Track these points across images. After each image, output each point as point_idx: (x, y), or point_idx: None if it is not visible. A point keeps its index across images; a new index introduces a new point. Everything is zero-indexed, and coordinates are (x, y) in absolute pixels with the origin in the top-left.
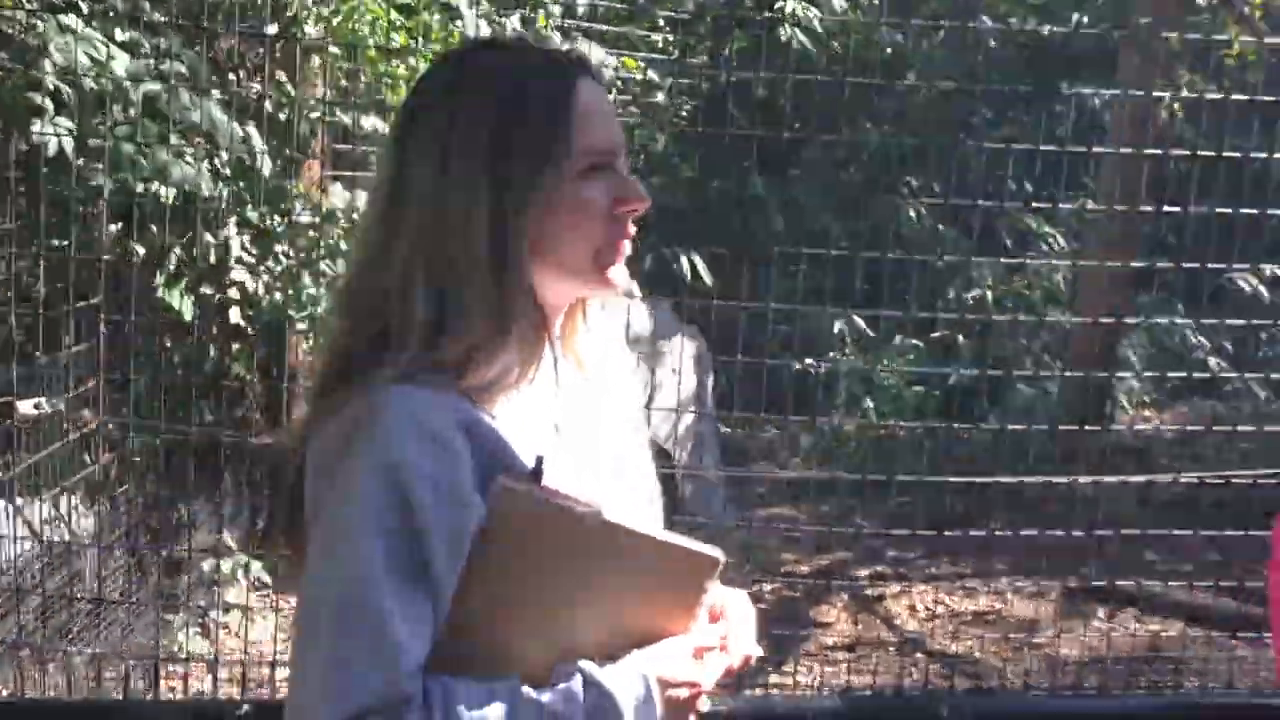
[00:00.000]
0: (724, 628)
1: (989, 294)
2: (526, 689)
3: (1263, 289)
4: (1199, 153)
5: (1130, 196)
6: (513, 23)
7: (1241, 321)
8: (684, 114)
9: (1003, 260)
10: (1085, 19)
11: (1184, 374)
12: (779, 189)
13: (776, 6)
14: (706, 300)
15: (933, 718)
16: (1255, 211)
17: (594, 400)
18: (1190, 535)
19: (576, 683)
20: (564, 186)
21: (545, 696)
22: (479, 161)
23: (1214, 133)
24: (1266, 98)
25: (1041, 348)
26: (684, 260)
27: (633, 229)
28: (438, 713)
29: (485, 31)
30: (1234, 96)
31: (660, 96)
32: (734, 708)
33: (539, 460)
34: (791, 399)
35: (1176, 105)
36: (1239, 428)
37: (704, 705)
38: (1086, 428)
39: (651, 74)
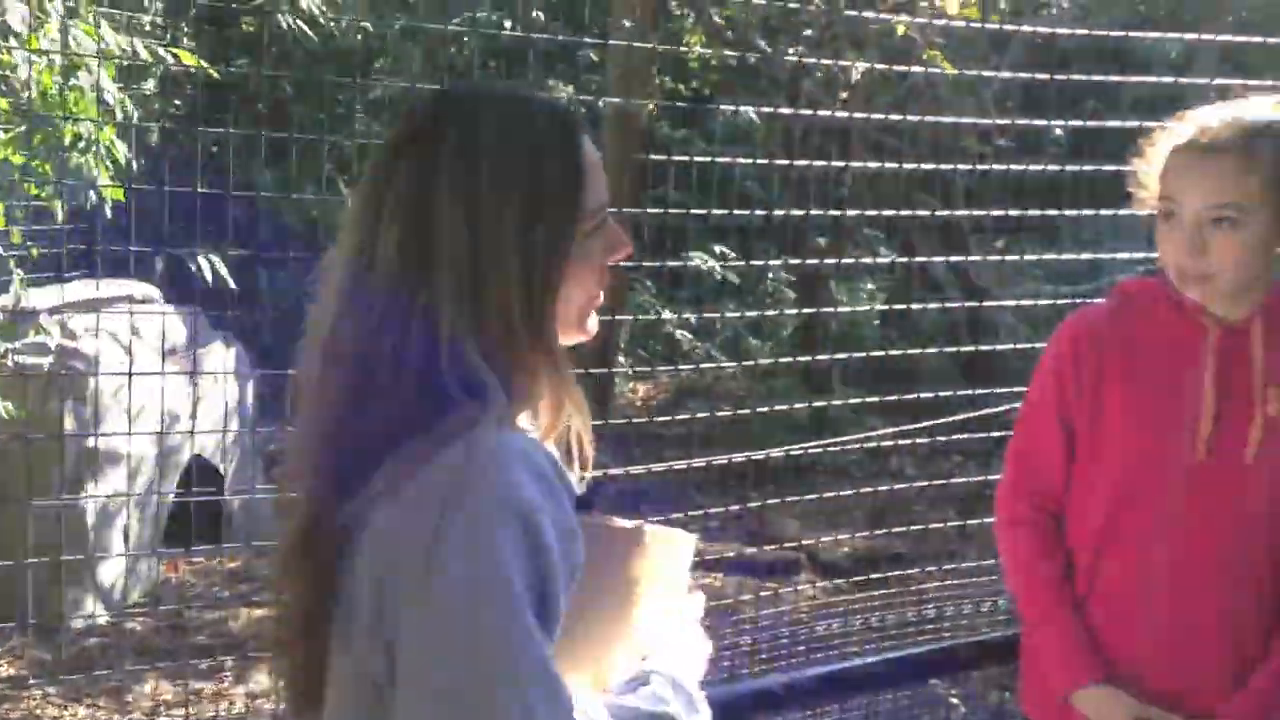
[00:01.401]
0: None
1: None
2: (621, 699)
3: (717, 268)
4: (675, 158)
5: (619, 188)
6: None
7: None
8: (178, 104)
9: None
10: (553, 19)
11: (671, 359)
12: (285, 185)
13: None
14: (242, 305)
15: None
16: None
17: None
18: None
19: (657, 682)
20: (577, 246)
21: (637, 700)
22: (514, 225)
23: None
24: (736, 105)
25: None
26: (202, 263)
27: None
28: None
29: None
30: (724, 106)
31: (151, 84)
32: None
33: (590, 487)
34: None
35: (652, 107)
36: (735, 411)
37: None
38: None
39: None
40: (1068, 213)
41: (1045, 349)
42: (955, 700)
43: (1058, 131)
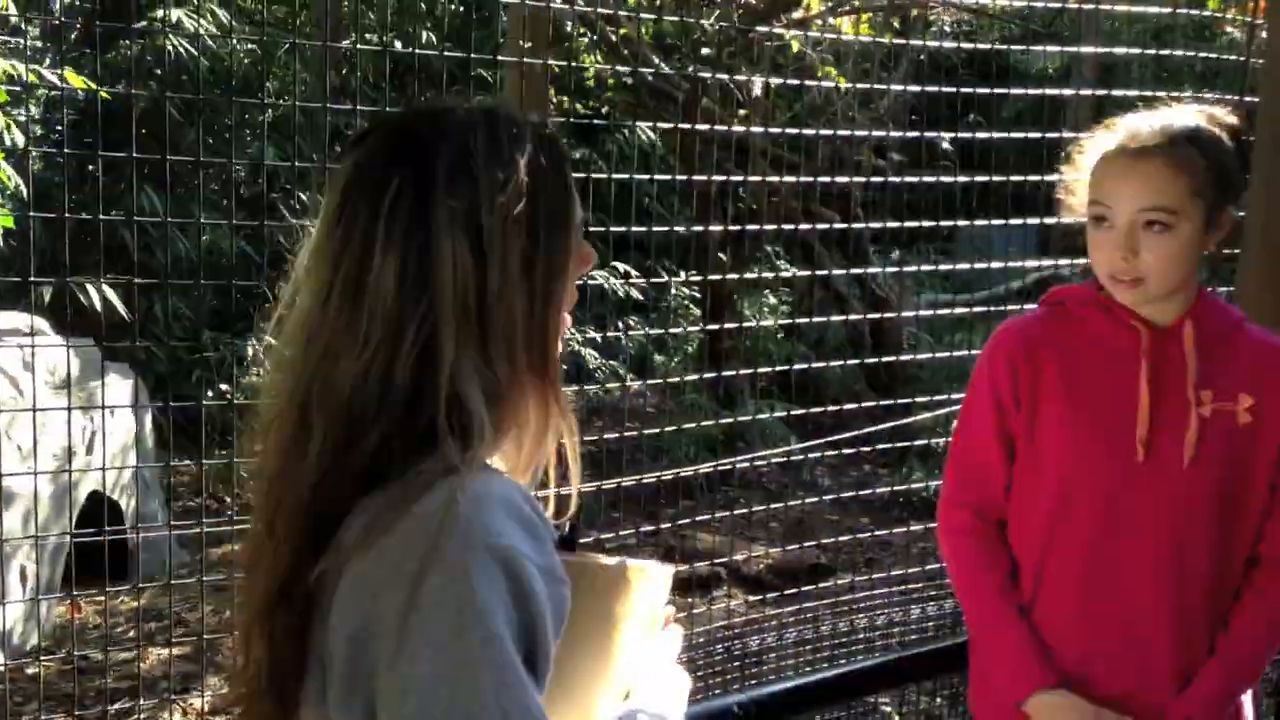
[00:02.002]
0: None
1: None
2: None
3: (618, 285)
4: (594, 176)
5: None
6: None
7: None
8: (59, 129)
9: None
10: (443, 40)
11: (577, 377)
12: (174, 208)
13: (160, 15)
14: (135, 337)
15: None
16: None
17: None
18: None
19: None
20: (571, 265)
21: None
22: (517, 247)
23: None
24: (632, 123)
25: None
26: (92, 292)
27: None
28: None
29: None
30: (619, 124)
31: (33, 109)
32: None
33: (572, 527)
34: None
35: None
36: (642, 429)
37: None
38: None
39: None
40: (960, 223)
41: (978, 358)
42: (888, 708)
43: (946, 145)
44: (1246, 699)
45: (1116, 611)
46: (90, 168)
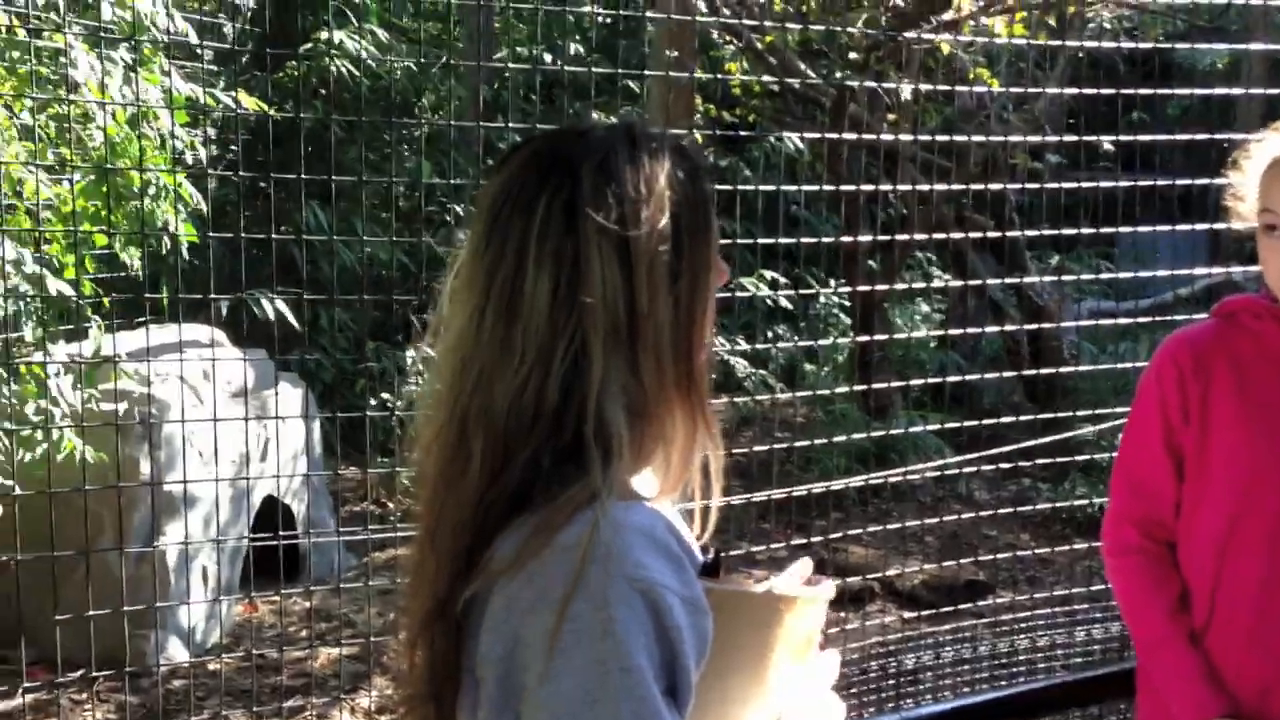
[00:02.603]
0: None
1: None
2: None
3: (769, 294)
4: (741, 187)
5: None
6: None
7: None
8: (234, 149)
9: None
10: (591, 53)
11: (726, 387)
12: (338, 223)
13: (323, 37)
14: (305, 348)
15: None
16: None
17: None
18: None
19: None
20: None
21: None
22: (664, 257)
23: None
24: (780, 132)
25: None
26: (266, 305)
27: None
28: None
29: None
30: (767, 134)
31: (210, 130)
32: None
33: (717, 554)
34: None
35: (699, 134)
36: (793, 440)
37: None
38: None
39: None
40: (1123, 229)
41: (1145, 371)
42: None
43: (1107, 145)
44: None
45: None
46: (262, 185)
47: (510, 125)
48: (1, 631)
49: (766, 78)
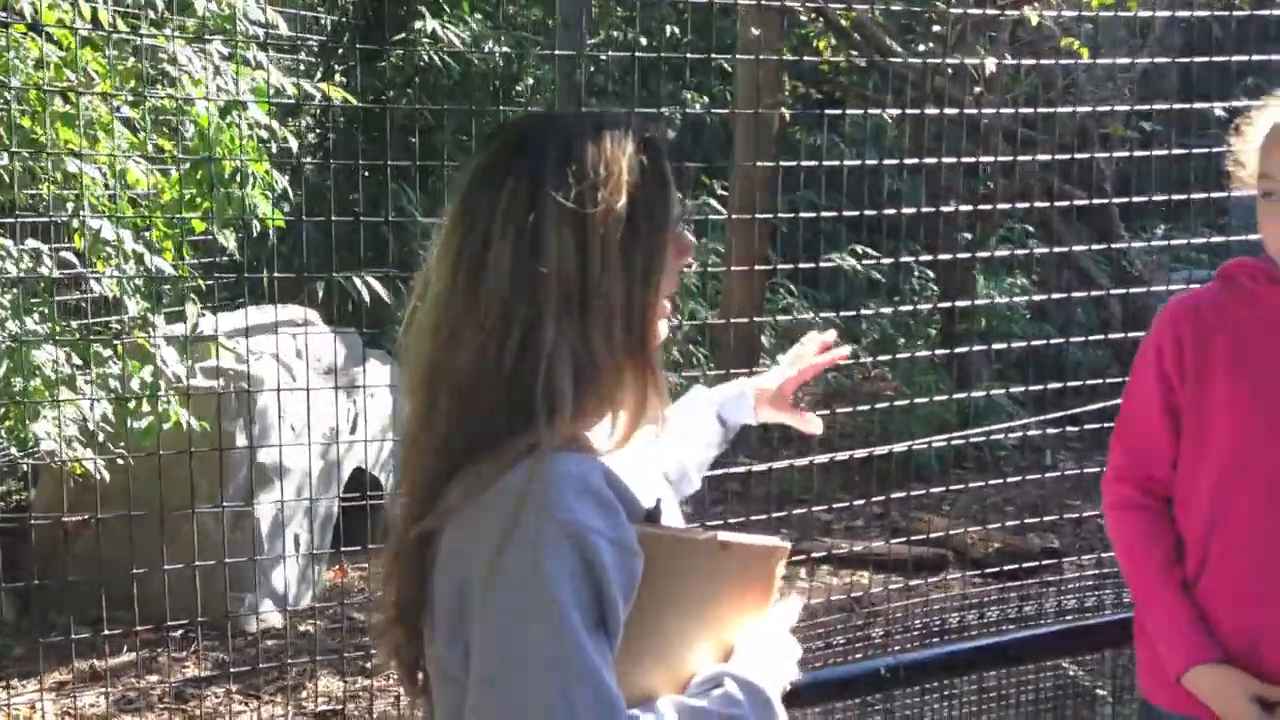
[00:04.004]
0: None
1: None
2: (692, 701)
3: (859, 268)
4: (805, 162)
5: (756, 195)
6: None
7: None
8: (332, 136)
9: None
10: (686, 33)
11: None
12: (427, 205)
13: (416, 26)
14: (391, 324)
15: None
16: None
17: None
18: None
19: (730, 684)
20: (670, 255)
21: (708, 702)
22: (617, 233)
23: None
24: (881, 110)
25: (686, 339)
26: (359, 284)
27: None
28: None
29: None
30: (852, 111)
31: (306, 120)
32: None
33: (657, 502)
34: None
35: (785, 114)
36: (876, 403)
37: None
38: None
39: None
40: (1215, 195)
41: (1147, 334)
42: (1101, 692)
43: (1219, 112)
44: None
45: None
46: (365, 172)
47: (604, 110)
48: (110, 592)
49: (853, 53)
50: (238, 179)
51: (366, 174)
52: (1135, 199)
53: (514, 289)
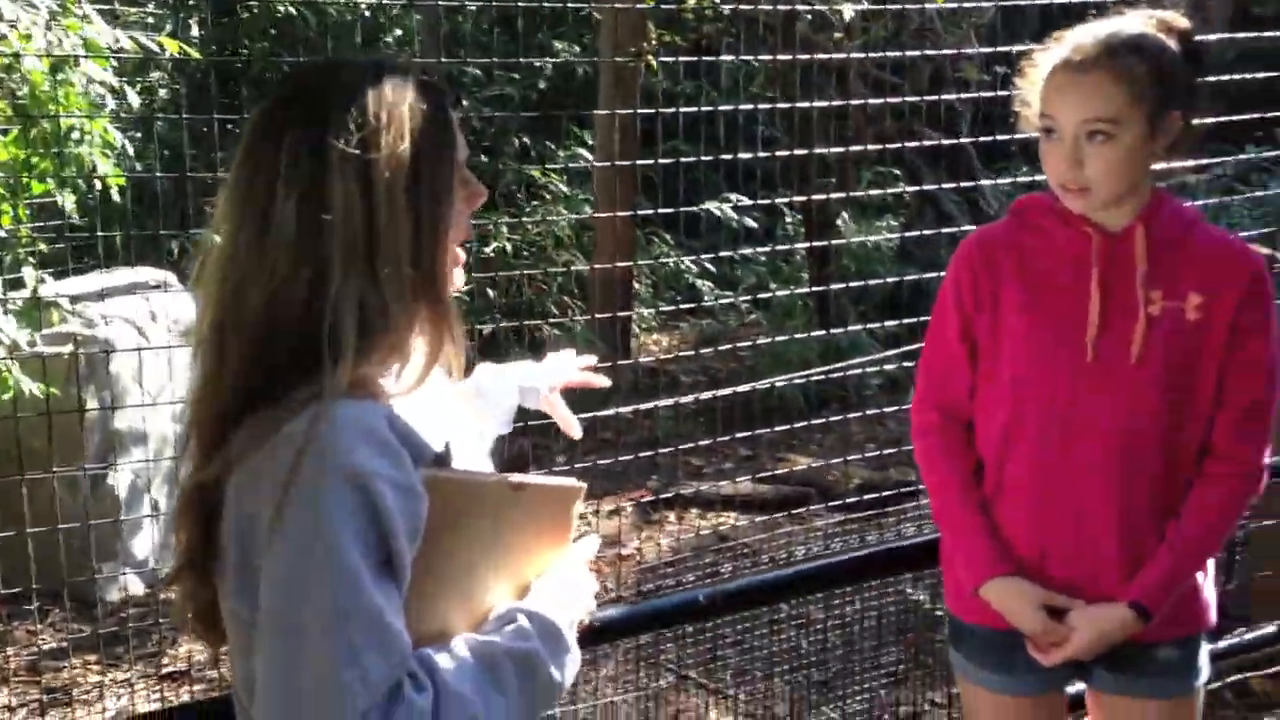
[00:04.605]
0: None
1: (507, 245)
2: (483, 637)
3: (733, 215)
4: (664, 109)
5: (622, 145)
6: None
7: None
8: (183, 91)
9: (522, 216)
10: None
11: (692, 303)
12: None
13: None
14: None
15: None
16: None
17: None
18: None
19: (522, 620)
20: (456, 197)
21: (499, 637)
22: (402, 178)
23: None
24: (734, 56)
25: (558, 289)
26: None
27: None
28: (425, 679)
29: None
30: (711, 58)
31: (156, 75)
32: None
33: (447, 446)
34: None
35: (652, 60)
36: (738, 344)
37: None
38: (619, 361)
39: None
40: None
41: (948, 267)
42: (940, 613)
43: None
44: (1208, 581)
45: (1068, 506)
46: (205, 129)
47: (469, 60)
48: None
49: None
50: (73, 138)
51: (215, 133)
52: (982, 139)
53: (300, 239)
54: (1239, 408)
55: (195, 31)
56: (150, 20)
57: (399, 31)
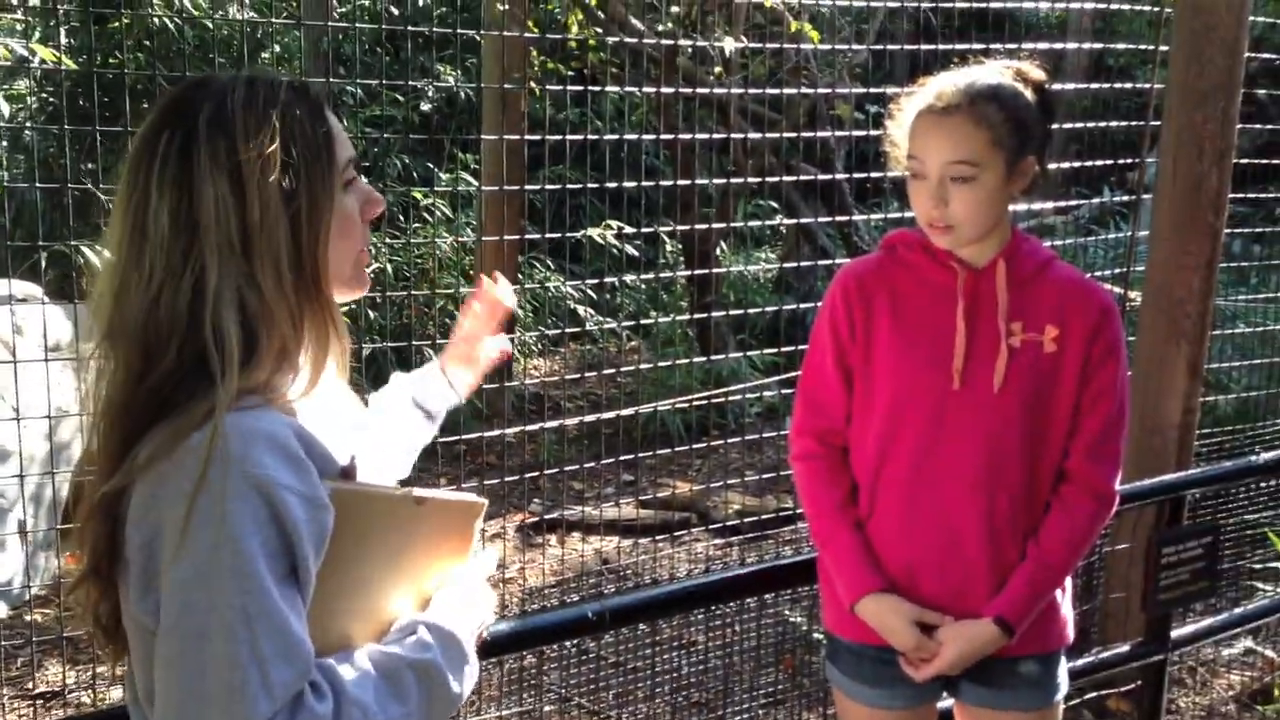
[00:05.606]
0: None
1: (388, 267)
2: (385, 647)
3: (615, 242)
4: (553, 136)
5: (504, 168)
6: None
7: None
8: (53, 102)
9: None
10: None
11: (574, 328)
12: None
13: None
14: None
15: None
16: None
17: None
18: (608, 463)
19: (423, 631)
20: (336, 199)
21: (400, 648)
22: (274, 184)
23: (570, 110)
24: (618, 87)
25: (440, 312)
26: (92, 256)
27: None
28: (326, 687)
29: None
30: (593, 87)
31: (24, 83)
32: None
33: (352, 459)
34: None
35: (534, 86)
36: (620, 369)
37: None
38: (504, 384)
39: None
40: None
41: (823, 300)
42: (818, 635)
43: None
44: (1065, 600)
45: (936, 525)
46: (89, 140)
47: (358, 81)
48: None
49: (598, 31)
50: None
51: (98, 143)
52: (856, 175)
53: (173, 241)
54: (1091, 433)
55: (64, 40)
56: (19, 27)
57: (277, 48)
